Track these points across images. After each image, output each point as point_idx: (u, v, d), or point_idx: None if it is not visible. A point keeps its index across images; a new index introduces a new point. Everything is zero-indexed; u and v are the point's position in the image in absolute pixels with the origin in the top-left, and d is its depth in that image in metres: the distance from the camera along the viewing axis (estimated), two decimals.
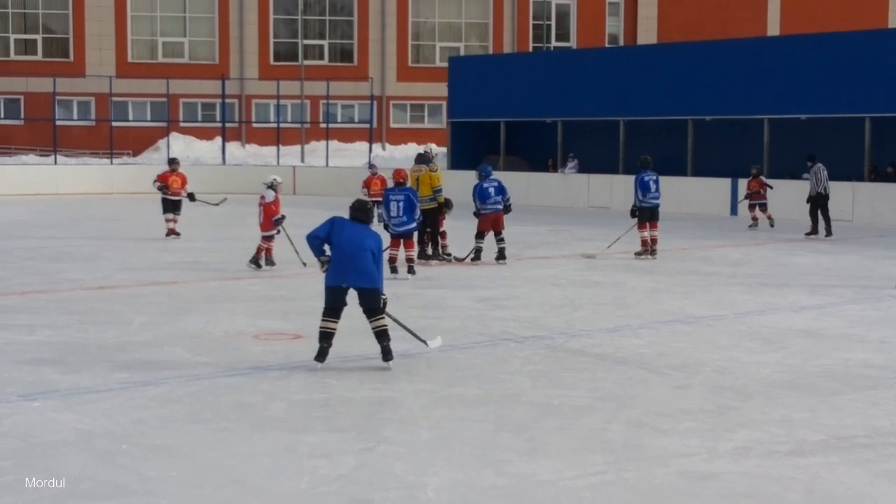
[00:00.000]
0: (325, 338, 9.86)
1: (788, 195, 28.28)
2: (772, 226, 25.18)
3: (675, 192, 30.13)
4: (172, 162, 23.27)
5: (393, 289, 15.09)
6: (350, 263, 9.82)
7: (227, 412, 8.19)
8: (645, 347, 10.93)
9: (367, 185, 26.00)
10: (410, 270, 16.58)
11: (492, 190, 18.49)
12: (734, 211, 30.07)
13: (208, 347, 10.71)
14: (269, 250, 17.09)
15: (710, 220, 27.77)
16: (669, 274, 17.00)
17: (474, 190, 18.63)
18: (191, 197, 22.07)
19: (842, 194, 27.47)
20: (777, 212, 26.29)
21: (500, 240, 18.30)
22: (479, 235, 18.41)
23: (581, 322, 12.47)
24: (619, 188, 32.36)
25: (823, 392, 9.01)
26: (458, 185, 36.12)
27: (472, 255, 18.25)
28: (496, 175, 19.78)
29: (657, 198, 19.19)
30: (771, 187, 26.02)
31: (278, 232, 17.13)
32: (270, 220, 16.96)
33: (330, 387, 9.05)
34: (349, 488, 6.44)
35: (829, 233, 23.60)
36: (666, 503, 6.25)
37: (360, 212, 10.11)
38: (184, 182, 22.27)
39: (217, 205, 23.66)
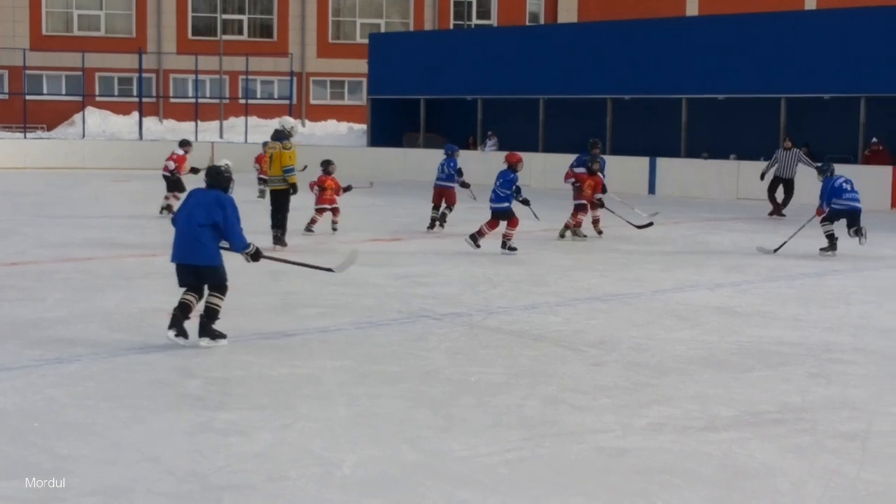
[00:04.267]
0: (180, 307, 9.64)
1: (710, 174, 28.63)
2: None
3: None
4: (186, 144, 22.65)
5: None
6: (181, 239, 9.66)
7: (143, 389, 8.12)
8: (562, 324, 11.00)
9: (258, 161, 25.21)
10: (508, 247, 16.56)
11: (443, 165, 20.17)
12: (652, 190, 30.34)
13: (124, 324, 10.60)
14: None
15: (629, 199, 27.92)
16: (587, 252, 17.12)
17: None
18: (194, 170, 21.31)
19: (757, 174, 27.83)
20: (696, 191, 26.55)
21: (447, 207, 20.01)
22: (434, 207, 19.96)
23: (499, 299, 12.51)
24: (538, 166, 32.49)
25: (737, 368, 9.13)
26: (379, 162, 36.20)
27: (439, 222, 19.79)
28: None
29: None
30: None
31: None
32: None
33: (247, 364, 8.99)
34: (266, 465, 6.41)
35: (782, 213, 24.31)
36: (581, 479, 6.29)
37: (210, 176, 9.97)
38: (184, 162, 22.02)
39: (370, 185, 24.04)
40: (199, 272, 9.71)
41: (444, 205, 20.17)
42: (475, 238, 16.99)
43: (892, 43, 27.67)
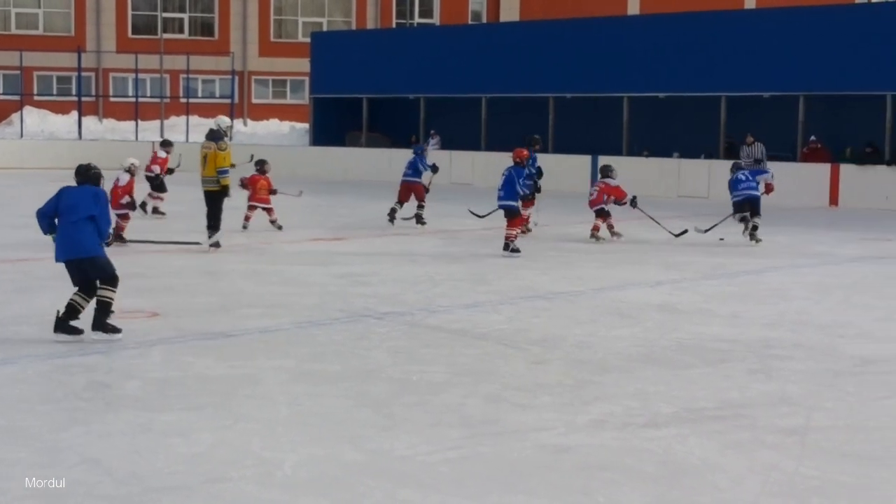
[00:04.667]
0: (66, 309, 9.66)
1: (650, 172, 28.78)
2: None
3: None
4: (168, 145, 23.50)
5: (254, 265, 15.01)
6: (62, 238, 9.71)
7: (81, 391, 8.04)
8: (504, 323, 11.01)
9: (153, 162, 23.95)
10: (505, 248, 16.38)
11: (406, 164, 20.80)
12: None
13: None
14: (121, 228, 16.78)
15: (571, 197, 28.03)
16: (529, 250, 17.14)
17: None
18: (170, 171, 22.70)
19: (698, 171, 28.06)
20: (637, 188, 26.63)
21: (419, 206, 20.53)
22: (398, 201, 20.61)
23: (440, 298, 12.51)
24: (480, 165, 32.55)
25: (677, 365, 9.18)
26: (321, 161, 36.09)
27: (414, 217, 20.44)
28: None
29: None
30: None
31: (134, 209, 16.94)
32: (118, 201, 16.65)
33: (187, 364, 8.93)
34: (205, 466, 6.36)
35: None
36: (523, 477, 6.30)
37: (80, 175, 9.99)
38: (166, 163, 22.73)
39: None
40: (83, 265, 9.72)
41: (406, 201, 20.69)
42: (507, 247, 16.41)
43: (830, 42, 27.96)
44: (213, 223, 16.21)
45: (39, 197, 19.42)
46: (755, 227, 18.53)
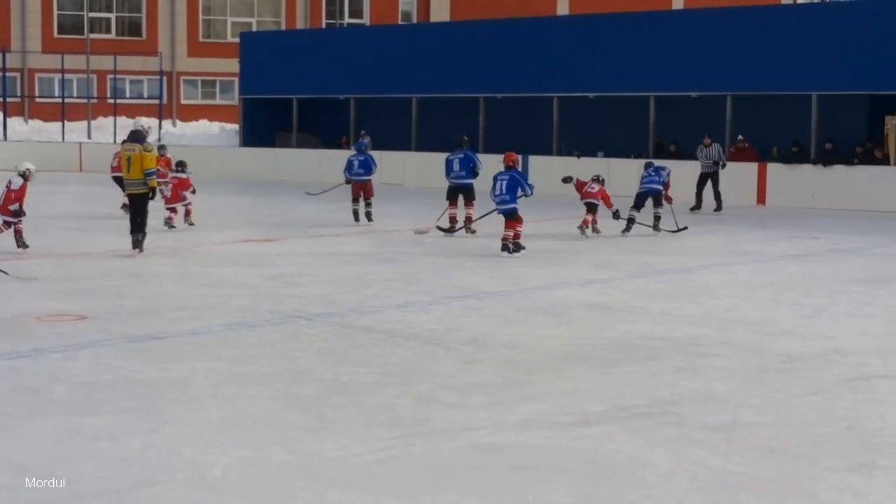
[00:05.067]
0: None
1: (581, 172, 28.85)
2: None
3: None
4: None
5: (184, 267, 14.90)
6: None
7: (8, 396, 7.94)
8: (435, 323, 11.02)
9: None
10: (516, 248, 16.57)
11: (356, 163, 21.10)
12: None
13: None
14: (18, 232, 16.20)
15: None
16: (460, 250, 17.18)
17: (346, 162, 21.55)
18: None
19: (629, 170, 28.21)
20: (568, 188, 26.76)
21: (367, 204, 20.93)
22: (354, 200, 21.06)
23: (371, 299, 12.49)
24: (411, 165, 32.56)
25: (607, 364, 9.24)
26: (251, 162, 35.92)
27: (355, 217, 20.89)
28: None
29: (461, 177, 19.66)
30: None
31: (20, 216, 16.18)
32: (7, 206, 16.04)
33: (115, 367, 8.85)
34: (134, 470, 6.31)
35: (720, 207, 25.29)
36: (453, 476, 6.31)
37: None
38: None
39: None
40: None
41: (364, 199, 21.13)
42: (517, 246, 16.63)
43: (757, 42, 28.27)
44: (140, 226, 15.90)
45: None
46: (657, 218, 19.96)
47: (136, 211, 15.96)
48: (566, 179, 20.36)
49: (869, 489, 6.19)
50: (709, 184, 25.74)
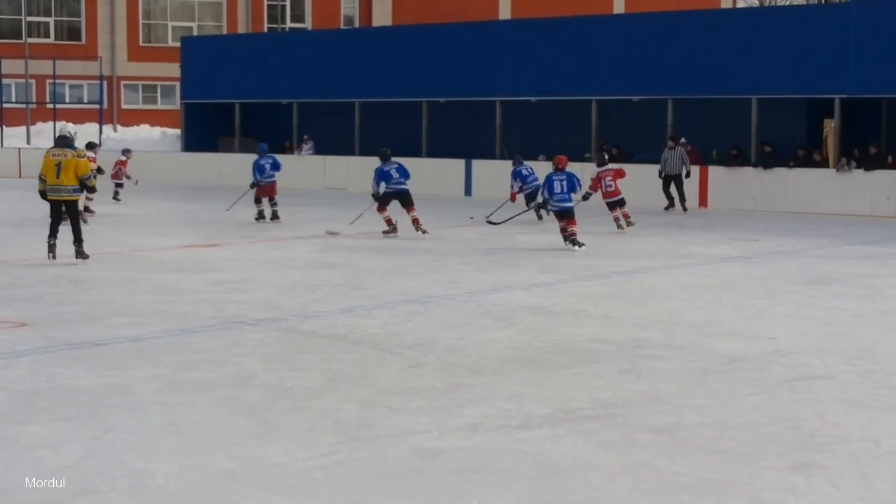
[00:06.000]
0: None
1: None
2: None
3: (411, 172, 30.41)
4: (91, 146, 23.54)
5: (125, 273, 14.78)
6: None
7: None
8: (379, 327, 11.00)
9: (120, 165, 27.32)
10: (575, 243, 17.84)
11: (267, 165, 22.38)
12: (468, 192, 30.63)
13: None
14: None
15: (446, 201, 28.16)
16: (404, 254, 17.18)
17: (253, 166, 22.60)
18: (99, 171, 22.82)
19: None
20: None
21: (274, 203, 22.27)
22: (258, 201, 22.24)
23: (315, 304, 12.45)
24: (355, 170, 32.50)
25: (550, 366, 9.26)
26: (194, 167, 35.72)
27: (256, 216, 22.07)
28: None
29: (401, 183, 20.01)
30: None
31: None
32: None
33: (55, 375, 8.75)
34: (75, 479, 6.24)
35: (684, 208, 26.26)
36: (397, 481, 6.29)
37: None
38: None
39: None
40: None
41: (270, 200, 22.33)
42: (574, 241, 17.93)
43: (697, 46, 28.49)
44: (80, 233, 15.60)
45: None
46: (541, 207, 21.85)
47: (73, 219, 15.64)
48: (586, 196, 21.30)
49: (809, 489, 6.23)
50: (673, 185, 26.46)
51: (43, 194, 15.73)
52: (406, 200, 19.96)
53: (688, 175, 26.31)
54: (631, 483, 6.28)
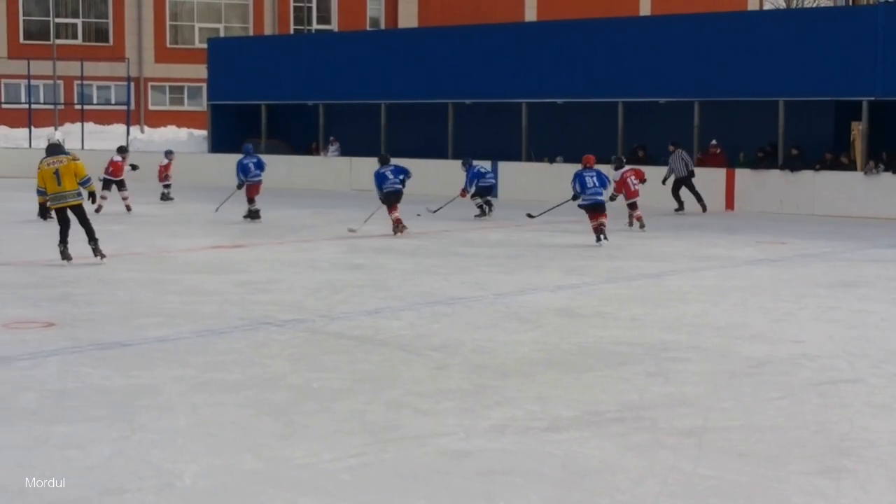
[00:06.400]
0: None
1: (552, 177, 28.92)
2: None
3: (437, 174, 30.45)
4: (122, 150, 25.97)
5: (153, 274, 14.83)
6: None
7: None
8: (405, 329, 11.01)
9: (166, 169, 28.44)
10: (602, 234, 18.67)
11: (251, 165, 22.82)
12: (495, 193, 30.57)
13: None
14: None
15: (472, 203, 28.13)
16: (430, 256, 17.18)
17: (237, 166, 23.16)
18: (133, 167, 25.40)
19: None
20: (538, 194, 26.83)
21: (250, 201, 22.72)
22: (251, 201, 22.67)
23: (342, 305, 12.47)
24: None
25: (577, 369, 9.25)
26: (220, 168, 35.78)
27: (249, 214, 22.55)
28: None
29: (396, 184, 20.57)
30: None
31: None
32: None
33: (83, 375, 8.80)
34: (103, 478, 6.27)
35: (703, 207, 26.29)
36: (424, 482, 6.30)
37: None
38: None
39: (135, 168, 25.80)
40: None
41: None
42: (602, 233, 18.74)
43: (725, 48, 28.39)
44: (93, 233, 15.63)
45: None
46: (489, 204, 24.35)
47: (83, 220, 15.68)
48: (613, 197, 21.50)
49: (838, 493, 6.21)
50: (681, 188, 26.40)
51: (42, 207, 15.73)
52: (393, 201, 20.44)
53: (691, 174, 26.35)
54: (658, 486, 6.27)
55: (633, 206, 21.72)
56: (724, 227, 22.97)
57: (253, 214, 22.46)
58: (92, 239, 15.57)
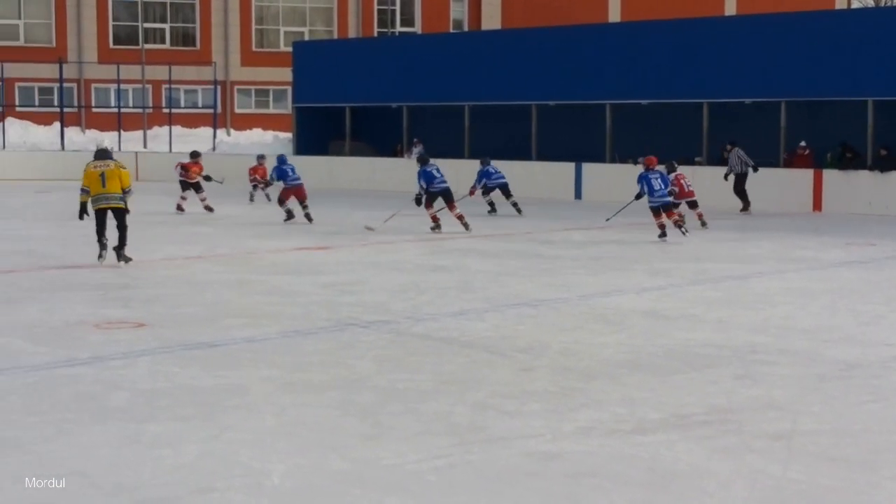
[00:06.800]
0: None
1: (630, 180, 28.75)
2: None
3: (521, 176, 30.47)
4: (195, 155, 26.56)
5: (239, 275, 14.99)
6: None
7: (67, 403, 8.01)
8: (490, 330, 11.01)
9: (254, 172, 29.10)
10: (682, 227, 19.65)
11: (289, 170, 23.31)
12: (579, 195, 30.51)
13: (46, 337, 10.45)
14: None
15: (555, 204, 28.11)
16: (514, 257, 17.17)
17: (274, 172, 23.85)
18: (207, 178, 25.94)
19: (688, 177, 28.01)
20: (621, 195, 26.71)
21: (304, 206, 22.95)
22: (282, 202, 23.14)
23: (426, 306, 12.50)
24: (464, 172, 32.52)
25: (664, 371, 9.19)
26: (305, 170, 36.02)
27: (285, 217, 22.94)
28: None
29: (444, 182, 21.37)
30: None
31: None
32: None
33: (173, 375, 8.91)
34: (192, 477, 6.35)
35: (745, 207, 26.62)
36: (510, 484, 6.30)
37: None
38: (200, 169, 26.00)
39: (221, 182, 26.79)
40: None
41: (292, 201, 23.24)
42: (683, 228, 19.70)
43: (812, 48, 28.07)
44: (125, 239, 15.77)
45: (23, 208, 19.27)
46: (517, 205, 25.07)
47: (121, 225, 15.81)
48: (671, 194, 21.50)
49: None
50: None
51: (84, 206, 15.93)
52: (448, 198, 21.29)
53: (755, 169, 26.43)
54: (746, 490, 6.22)
55: (693, 205, 22.14)
56: (812, 228, 22.69)
57: (288, 214, 23.02)
58: (122, 245, 15.73)
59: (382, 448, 6.92)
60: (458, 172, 32.74)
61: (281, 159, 24.17)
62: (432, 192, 21.26)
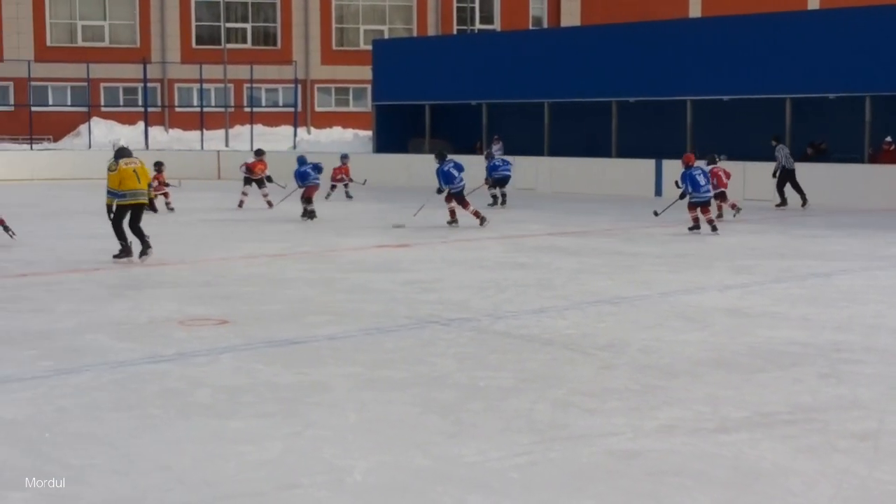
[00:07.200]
0: None
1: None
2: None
3: (600, 173, 30.34)
4: (259, 153, 27.55)
5: (321, 272, 15.09)
6: None
7: (153, 399, 8.11)
8: (570, 328, 10.98)
9: (338, 171, 30.20)
10: (715, 227, 20.08)
11: (310, 171, 23.45)
12: (658, 192, 30.32)
13: (132, 334, 10.59)
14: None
15: (635, 201, 27.94)
16: (594, 255, 17.10)
17: (296, 175, 23.72)
18: (269, 179, 26.54)
19: (762, 174, 27.75)
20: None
21: (307, 201, 23.22)
22: (308, 200, 23.19)
23: (507, 304, 12.49)
24: (544, 170, 32.51)
25: (747, 369, 9.11)
26: (384, 168, 36.26)
27: (306, 214, 23.03)
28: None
29: (461, 183, 21.51)
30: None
31: None
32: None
33: (256, 372, 8.99)
34: (276, 473, 6.41)
35: (804, 202, 26.36)
36: (592, 482, 6.28)
37: None
38: (265, 167, 26.82)
39: (284, 187, 26.70)
40: None
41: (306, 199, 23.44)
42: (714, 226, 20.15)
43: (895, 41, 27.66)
44: (141, 231, 16.09)
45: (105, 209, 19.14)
46: (503, 196, 26.85)
47: (138, 218, 16.17)
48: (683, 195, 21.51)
49: None
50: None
51: (110, 208, 16.13)
52: (461, 200, 21.40)
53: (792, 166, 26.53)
54: (832, 489, 6.14)
55: (723, 197, 22.60)
56: None
57: (310, 214, 23.02)
58: (141, 235, 16.07)
59: (464, 445, 6.94)
60: (538, 170, 32.75)
61: (301, 160, 24.40)
62: (450, 194, 21.57)
